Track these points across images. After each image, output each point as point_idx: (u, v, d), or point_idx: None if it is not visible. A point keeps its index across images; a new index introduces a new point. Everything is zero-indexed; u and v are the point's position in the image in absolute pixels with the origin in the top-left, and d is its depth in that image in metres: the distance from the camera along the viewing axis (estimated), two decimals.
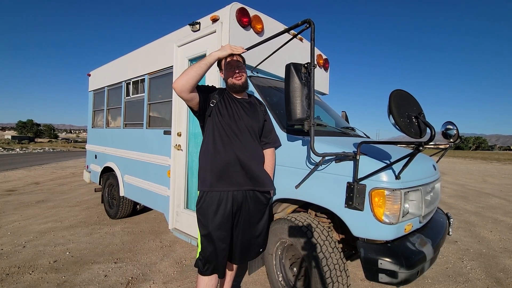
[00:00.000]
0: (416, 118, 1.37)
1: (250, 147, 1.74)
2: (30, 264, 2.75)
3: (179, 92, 1.58)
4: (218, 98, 1.76)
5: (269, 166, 1.88)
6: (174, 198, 2.86)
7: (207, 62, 1.60)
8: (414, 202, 1.67)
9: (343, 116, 3.61)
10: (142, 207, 4.18)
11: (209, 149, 1.72)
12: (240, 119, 1.74)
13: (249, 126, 1.75)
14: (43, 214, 4.51)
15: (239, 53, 1.72)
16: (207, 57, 1.62)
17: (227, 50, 1.65)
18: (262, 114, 1.87)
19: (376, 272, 1.53)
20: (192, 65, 1.61)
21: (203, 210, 1.69)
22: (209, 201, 1.68)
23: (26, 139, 74.99)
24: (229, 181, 1.69)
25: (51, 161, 15.30)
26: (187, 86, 1.56)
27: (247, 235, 1.79)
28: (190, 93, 1.61)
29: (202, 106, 1.71)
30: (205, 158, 1.73)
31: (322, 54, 3.52)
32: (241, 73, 1.75)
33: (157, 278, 2.53)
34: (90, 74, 4.96)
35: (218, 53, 1.64)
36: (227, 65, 1.75)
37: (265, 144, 1.88)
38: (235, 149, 1.69)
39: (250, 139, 1.75)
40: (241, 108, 1.78)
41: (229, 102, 1.77)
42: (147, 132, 3.38)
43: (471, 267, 2.92)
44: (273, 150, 1.93)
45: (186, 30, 2.67)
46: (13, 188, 6.80)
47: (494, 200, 6.43)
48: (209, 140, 1.73)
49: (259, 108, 1.88)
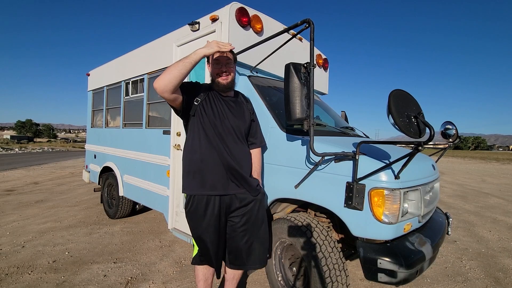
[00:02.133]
0: (415, 118, 1.37)
1: (234, 149, 1.67)
2: (29, 264, 2.74)
3: (161, 92, 1.47)
4: (203, 96, 1.68)
5: (256, 166, 1.84)
6: (174, 198, 2.86)
7: (191, 60, 1.47)
8: (413, 202, 1.68)
9: (343, 116, 3.61)
10: (141, 207, 4.18)
11: (192, 150, 1.66)
12: (225, 118, 1.67)
13: (235, 126, 1.69)
14: (42, 214, 4.51)
15: (227, 50, 1.57)
16: (192, 54, 1.49)
17: (213, 47, 1.52)
18: (248, 113, 1.80)
19: (376, 272, 1.54)
20: (175, 62, 1.48)
21: (191, 214, 1.67)
22: (197, 204, 1.65)
23: (25, 139, 74.86)
24: (214, 185, 1.64)
25: (50, 161, 15.27)
26: (170, 86, 1.45)
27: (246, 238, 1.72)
28: (172, 94, 1.50)
29: (185, 106, 1.64)
30: (187, 159, 1.68)
31: (322, 54, 3.52)
32: (228, 72, 1.66)
33: (156, 278, 2.53)
34: (89, 74, 4.95)
35: (204, 50, 1.51)
36: (214, 61, 1.65)
37: (252, 144, 1.83)
38: (218, 151, 1.63)
39: (236, 140, 1.69)
40: (227, 107, 1.70)
41: (214, 100, 1.69)
42: (146, 132, 3.37)
43: (470, 266, 2.93)
44: (259, 150, 1.88)
45: (186, 30, 2.67)
46: (12, 188, 6.79)
47: (493, 200, 6.45)
48: (193, 140, 1.67)
49: (245, 106, 1.81)
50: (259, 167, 1.87)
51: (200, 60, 1.52)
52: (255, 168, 1.83)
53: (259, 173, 1.87)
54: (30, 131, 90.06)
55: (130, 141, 3.68)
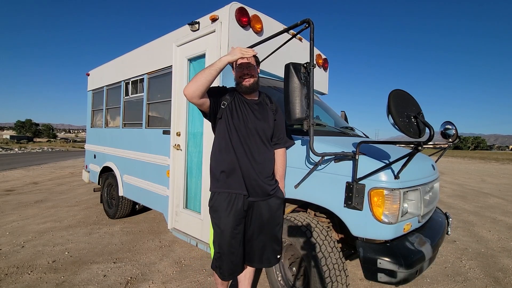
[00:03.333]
0: (415, 118, 1.37)
1: (256, 152, 1.71)
2: (29, 264, 2.74)
3: (190, 98, 1.59)
4: (229, 99, 1.75)
5: (279, 167, 1.85)
6: (173, 198, 2.86)
7: (217, 68, 1.57)
8: (413, 202, 1.68)
9: (342, 115, 3.62)
10: (141, 207, 4.18)
11: (217, 151, 1.75)
12: (248, 121, 1.71)
13: (259, 129, 1.73)
14: (41, 214, 4.50)
15: (249, 56, 1.66)
16: (217, 62, 1.59)
17: (237, 54, 1.60)
18: (272, 114, 1.82)
19: (375, 272, 1.54)
20: (202, 70, 1.58)
21: (214, 208, 1.73)
22: (219, 200, 1.71)
23: (25, 139, 74.77)
24: (235, 184, 1.69)
25: (49, 161, 15.25)
26: (198, 92, 1.56)
27: (261, 237, 1.77)
28: (200, 99, 1.61)
29: (213, 110, 1.72)
30: (213, 160, 1.77)
31: (322, 54, 3.52)
32: (250, 75, 1.71)
33: (156, 278, 2.53)
34: (89, 74, 4.95)
35: (228, 58, 1.60)
36: (237, 66, 1.73)
37: (275, 145, 1.85)
38: (239, 154, 1.69)
39: (259, 143, 1.73)
40: (250, 110, 1.75)
41: (239, 103, 1.75)
42: (146, 132, 3.37)
43: (469, 266, 2.93)
44: (283, 151, 1.89)
45: (185, 30, 2.67)
46: (11, 188, 6.78)
47: (492, 200, 6.45)
48: (219, 141, 1.75)
49: (269, 108, 1.83)
50: (282, 169, 1.88)
51: (224, 67, 1.61)
52: (277, 169, 1.84)
53: (282, 175, 1.88)
54: (29, 131, 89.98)
55: (130, 141, 3.68)
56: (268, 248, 1.80)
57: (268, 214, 1.76)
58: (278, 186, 1.82)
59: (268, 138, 1.79)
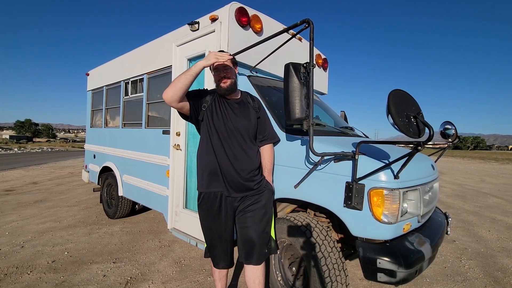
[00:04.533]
0: (415, 117, 1.38)
1: (238, 151, 1.74)
2: (29, 264, 2.74)
3: (169, 102, 1.66)
4: (210, 101, 1.79)
5: (266, 163, 1.88)
6: (173, 197, 2.86)
7: (192, 73, 1.62)
8: (412, 202, 1.68)
9: (342, 115, 3.62)
10: (141, 207, 4.17)
11: (200, 153, 1.82)
12: (228, 121, 1.75)
13: (240, 128, 1.76)
14: (41, 214, 4.50)
15: (224, 61, 1.70)
16: (193, 67, 1.64)
17: (211, 59, 1.66)
18: (254, 112, 1.85)
19: (375, 272, 1.54)
20: (178, 76, 1.64)
21: (200, 206, 1.83)
22: (204, 200, 1.79)
23: (24, 139, 74.67)
24: (215, 183, 1.76)
25: (49, 160, 15.24)
26: (175, 97, 1.63)
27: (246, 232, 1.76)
28: (179, 103, 1.68)
29: (193, 112, 1.78)
30: (198, 160, 1.84)
31: (321, 54, 3.53)
32: (227, 77, 1.74)
33: (156, 278, 2.53)
34: (89, 74, 4.94)
35: (203, 63, 1.66)
36: (214, 69, 1.77)
37: (261, 141, 1.88)
38: (219, 154, 1.74)
39: (241, 141, 1.76)
40: (230, 109, 1.78)
41: (219, 104, 1.79)
42: (146, 132, 3.37)
43: (469, 266, 2.94)
44: (270, 146, 1.91)
45: (185, 30, 2.67)
46: (11, 188, 6.78)
47: (492, 200, 6.46)
48: (201, 143, 1.81)
49: (251, 106, 1.86)
50: (270, 164, 1.91)
51: (200, 72, 1.67)
52: (265, 164, 1.88)
53: (270, 170, 1.91)
54: (29, 131, 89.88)
55: (129, 141, 3.68)
56: (256, 242, 1.77)
57: (253, 207, 1.77)
58: (265, 180, 1.85)
59: (251, 135, 1.82)
